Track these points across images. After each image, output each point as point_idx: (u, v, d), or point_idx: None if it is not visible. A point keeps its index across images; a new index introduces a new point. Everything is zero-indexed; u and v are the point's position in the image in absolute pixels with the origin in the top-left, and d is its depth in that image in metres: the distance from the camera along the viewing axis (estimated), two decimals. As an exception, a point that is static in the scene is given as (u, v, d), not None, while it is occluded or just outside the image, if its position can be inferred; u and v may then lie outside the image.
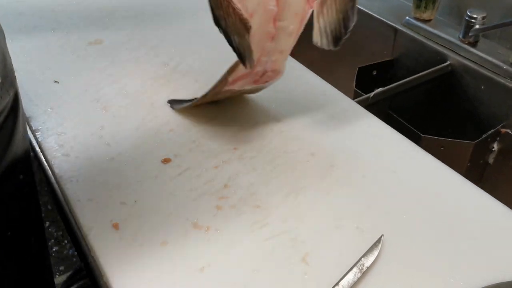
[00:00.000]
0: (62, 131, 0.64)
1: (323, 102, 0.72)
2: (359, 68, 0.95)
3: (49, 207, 1.69)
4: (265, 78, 0.64)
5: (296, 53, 0.77)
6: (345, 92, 0.74)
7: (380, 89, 0.82)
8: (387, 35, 0.98)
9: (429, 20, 0.93)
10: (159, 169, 0.59)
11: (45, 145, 0.61)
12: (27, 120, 0.66)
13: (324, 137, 0.65)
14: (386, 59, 0.99)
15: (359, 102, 0.76)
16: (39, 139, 0.63)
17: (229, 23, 0.51)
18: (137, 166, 0.59)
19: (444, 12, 0.94)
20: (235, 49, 0.52)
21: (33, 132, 0.64)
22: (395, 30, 0.97)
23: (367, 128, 0.67)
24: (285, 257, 0.49)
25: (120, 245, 0.50)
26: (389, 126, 0.68)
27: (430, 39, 0.91)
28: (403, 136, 0.66)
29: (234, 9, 0.51)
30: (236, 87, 0.63)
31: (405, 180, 0.58)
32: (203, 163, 0.60)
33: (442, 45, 0.89)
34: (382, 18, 0.99)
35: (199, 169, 0.59)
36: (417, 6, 0.92)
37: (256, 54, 0.57)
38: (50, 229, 1.61)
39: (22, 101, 0.69)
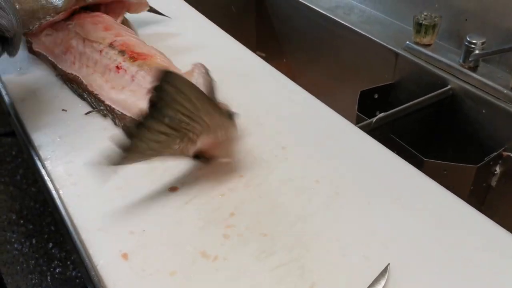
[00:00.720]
0: (71, 160, 0.65)
1: (326, 128, 0.73)
2: (361, 92, 0.96)
3: (52, 228, 1.69)
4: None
5: (298, 77, 0.79)
6: (347, 115, 0.75)
7: (382, 114, 0.83)
8: (388, 59, 1.00)
9: (429, 45, 0.95)
10: (167, 197, 0.60)
11: (54, 174, 0.62)
12: (35, 149, 0.67)
13: (329, 164, 0.66)
14: (387, 82, 1.01)
15: (362, 127, 0.77)
16: (48, 168, 0.64)
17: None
18: (145, 194, 0.60)
19: (444, 37, 0.96)
20: None
21: (42, 161, 0.65)
22: (396, 54, 0.98)
23: (370, 153, 0.68)
24: (293, 287, 0.49)
25: (129, 275, 0.50)
26: (391, 151, 0.68)
27: (431, 64, 0.93)
28: (406, 162, 0.67)
29: None
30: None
31: (409, 206, 0.59)
32: (210, 191, 0.61)
33: (442, 70, 0.91)
34: (382, 43, 1.01)
35: (206, 197, 0.60)
36: (417, 31, 0.94)
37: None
38: (53, 250, 1.61)
39: (31, 130, 0.70)
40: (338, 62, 1.14)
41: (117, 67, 0.71)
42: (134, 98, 0.69)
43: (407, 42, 0.97)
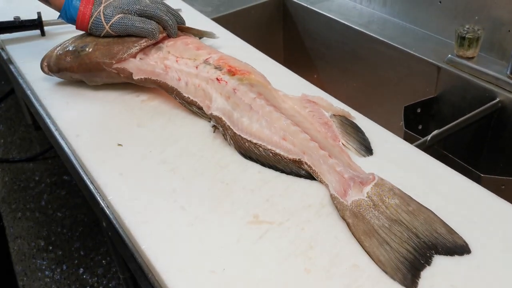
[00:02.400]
0: (136, 197, 0.64)
1: (378, 145, 0.72)
2: (404, 107, 0.95)
3: (82, 253, 1.69)
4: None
5: (331, 93, 0.78)
6: (394, 132, 0.74)
7: (436, 132, 0.82)
8: (429, 73, 0.99)
9: (472, 58, 0.94)
10: (240, 231, 0.59)
11: (123, 214, 0.62)
12: (98, 189, 0.66)
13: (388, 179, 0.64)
14: (430, 96, 1.00)
15: (416, 147, 0.76)
16: (115, 207, 0.63)
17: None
18: (217, 230, 0.59)
19: (485, 49, 0.95)
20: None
21: (107, 201, 0.64)
22: (438, 68, 0.97)
23: (431, 172, 0.67)
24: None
25: (219, 318, 0.49)
26: (451, 169, 0.67)
27: (476, 76, 0.92)
28: (466, 178, 0.66)
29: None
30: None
31: (478, 225, 0.58)
32: (282, 222, 0.60)
33: (490, 82, 0.90)
34: (423, 57, 1.00)
35: (280, 229, 0.59)
36: (460, 45, 0.93)
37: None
38: (84, 276, 1.60)
39: (91, 168, 0.69)
40: (375, 77, 1.13)
41: (217, 79, 0.75)
42: (238, 114, 0.72)
43: (449, 55, 0.96)
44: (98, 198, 0.66)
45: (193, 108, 0.78)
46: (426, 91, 1.01)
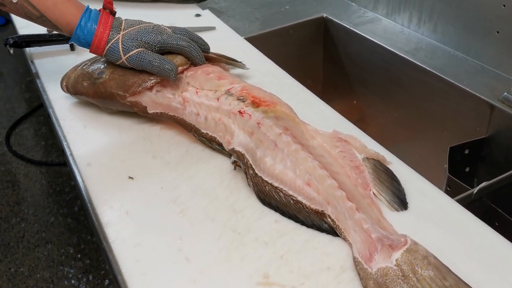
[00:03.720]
0: (138, 242, 0.59)
1: (415, 198, 0.64)
2: (450, 148, 0.86)
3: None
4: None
5: (369, 121, 0.70)
6: (429, 173, 0.66)
7: (484, 184, 0.73)
8: (481, 111, 0.89)
9: (531, 97, 0.83)
10: (247, 294, 0.52)
11: (122, 261, 0.56)
12: (101, 227, 0.62)
13: (422, 242, 0.56)
14: (480, 137, 0.89)
15: (459, 201, 0.67)
16: (115, 251, 0.58)
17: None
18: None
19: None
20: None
21: (108, 242, 0.59)
22: (492, 106, 0.87)
23: (475, 236, 0.58)
24: None
25: None
26: (498, 234, 0.58)
27: (536, 119, 0.81)
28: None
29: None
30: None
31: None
32: (295, 286, 0.53)
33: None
34: (475, 93, 0.90)
35: (291, 296, 0.52)
36: (519, 82, 0.83)
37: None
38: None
39: (96, 202, 0.65)
40: (419, 110, 1.04)
41: (239, 112, 0.70)
42: (261, 153, 0.66)
43: (505, 93, 0.86)
44: (101, 238, 0.62)
45: (213, 145, 0.72)
46: (477, 130, 0.91)
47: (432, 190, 0.66)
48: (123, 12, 0.82)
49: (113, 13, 0.75)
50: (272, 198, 0.63)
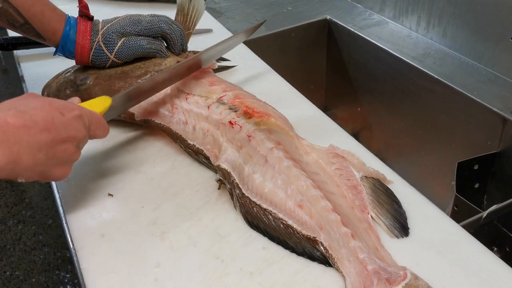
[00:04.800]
0: (112, 270, 0.54)
1: (417, 222, 0.58)
2: (458, 163, 0.80)
3: None
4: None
5: (373, 129, 0.65)
6: (441, 189, 0.60)
7: (494, 207, 0.67)
8: (493, 124, 0.83)
9: (547, 110, 0.77)
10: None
11: (92, 292, 0.52)
12: (74, 249, 0.57)
13: (424, 275, 0.51)
14: (491, 151, 0.83)
15: (466, 226, 0.61)
16: (86, 280, 0.53)
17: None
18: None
19: None
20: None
21: (80, 270, 0.54)
22: (504, 119, 0.81)
23: (483, 269, 0.53)
24: None
25: None
26: (509, 268, 0.53)
27: (552, 135, 0.75)
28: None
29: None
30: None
31: None
32: (280, 326, 0.48)
33: None
34: (487, 104, 0.84)
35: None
36: (534, 95, 0.76)
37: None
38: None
39: (70, 222, 0.60)
40: (426, 120, 0.98)
41: (230, 122, 0.65)
42: (250, 169, 0.61)
43: (519, 105, 0.80)
44: (75, 262, 0.57)
45: (200, 158, 0.67)
46: (487, 144, 0.85)
47: (436, 214, 0.60)
48: (118, 13, 0.78)
49: (90, 18, 0.71)
50: (261, 221, 0.58)
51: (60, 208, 0.64)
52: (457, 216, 0.75)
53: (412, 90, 1.00)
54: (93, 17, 0.72)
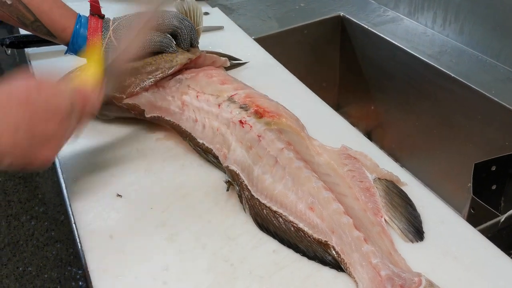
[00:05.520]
0: (121, 272, 0.53)
1: (432, 226, 0.57)
2: (475, 164, 0.78)
3: None
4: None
5: (386, 127, 0.63)
6: (457, 190, 0.58)
7: (512, 211, 0.65)
8: (510, 124, 0.81)
9: None
10: None
11: (99, 295, 0.51)
12: (82, 252, 0.56)
13: (440, 281, 0.49)
14: (509, 152, 0.81)
15: (484, 230, 0.59)
16: (94, 283, 0.52)
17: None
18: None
19: None
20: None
21: (88, 271, 0.54)
22: (523, 119, 0.79)
23: (501, 274, 0.51)
24: None
25: None
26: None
27: None
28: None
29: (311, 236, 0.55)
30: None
31: None
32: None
33: None
34: (505, 104, 0.81)
35: None
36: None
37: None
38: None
39: (78, 224, 0.60)
40: (442, 120, 0.95)
41: (240, 121, 0.64)
42: (259, 170, 0.60)
43: (539, 105, 0.77)
44: (83, 263, 0.56)
45: (209, 157, 0.66)
46: (505, 145, 0.82)
47: (452, 218, 0.58)
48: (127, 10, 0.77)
49: (101, 17, 0.71)
50: (271, 223, 0.57)
51: (69, 208, 0.63)
52: (473, 218, 0.73)
53: (427, 89, 0.97)
54: (104, 15, 0.71)
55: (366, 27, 1.08)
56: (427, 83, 0.97)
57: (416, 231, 0.56)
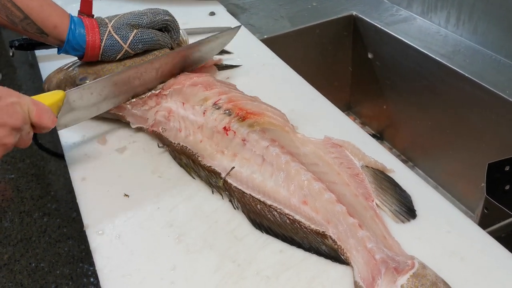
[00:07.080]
0: (128, 272, 0.53)
1: (445, 227, 0.56)
2: (489, 164, 0.76)
3: None
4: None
5: (398, 126, 0.62)
6: (470, 190, 0.57)
7: (526, 213, 0.63)
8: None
9: None
10: None
11: (106, 294, 0.51)
12: (90, 251, 0.56)
13: (447, 281, 0.49)
14: (524, 153, 0.80)
15: (497, 230, 0.58)
16: (101, 281, 0.52)
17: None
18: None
19: None
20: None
21: (97, 271, 0.54)
22: (538, 120, 0.77)
23: (498, 265, 0.51)
24: None
25: None
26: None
27: None
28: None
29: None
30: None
31: None
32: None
33: None
34: (519, 104, 0.80)
35: None
36: None
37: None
38: None
39: (86, 222, 0.60)
40: (455, 120, 0.94)
41: (224, 128, 0.64)
42: (248, 171, 0.61)
43: (555, 105, 0.76)
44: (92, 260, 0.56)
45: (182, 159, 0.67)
46: (520, 145, 0.81)
47: (461, 219, 0.58)
48: (130, 8, 0.77)
49: (91, 16, 0.72)
50: (264, 218, 0.57)
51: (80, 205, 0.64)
52: (487, 218, 0.72)
53: (440, 89, 0.96)
54: (93, 15, 0.72)
55: (379, 26, 1.07)
56: (440, 82, 0.95)
57: (408, 210, 0.57)
